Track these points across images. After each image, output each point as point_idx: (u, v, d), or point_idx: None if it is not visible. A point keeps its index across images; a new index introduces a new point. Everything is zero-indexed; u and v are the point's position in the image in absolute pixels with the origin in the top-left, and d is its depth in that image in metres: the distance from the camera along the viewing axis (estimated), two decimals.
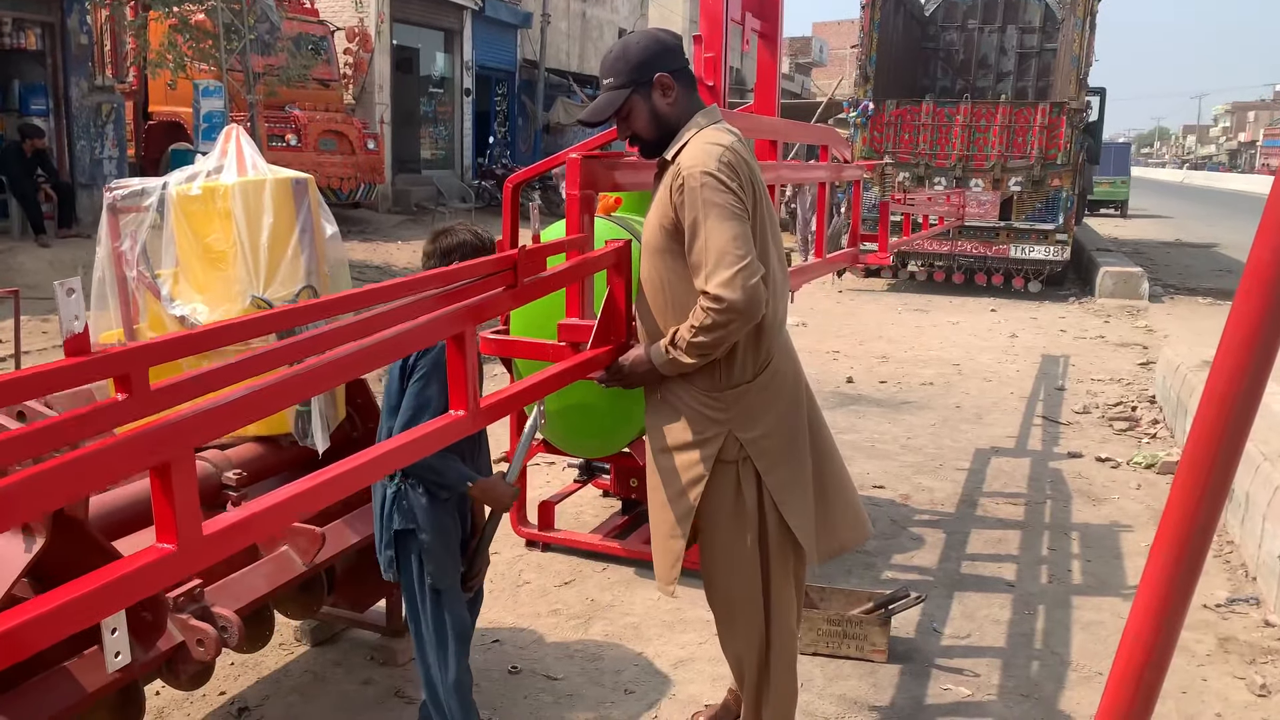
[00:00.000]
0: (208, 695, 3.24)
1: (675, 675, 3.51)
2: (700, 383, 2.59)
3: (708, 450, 2.59)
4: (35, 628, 1.22)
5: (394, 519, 2.70)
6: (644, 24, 31.63)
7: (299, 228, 3.00)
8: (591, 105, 2.64)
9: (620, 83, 2.54)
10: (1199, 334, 9.47)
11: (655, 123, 2.57)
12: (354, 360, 1.73)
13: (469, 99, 21.97)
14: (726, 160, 2.43)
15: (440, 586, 2.74)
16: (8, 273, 9.58)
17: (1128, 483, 5.72)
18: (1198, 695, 3.44)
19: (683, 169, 2.45)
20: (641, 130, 2.59)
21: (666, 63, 2.56)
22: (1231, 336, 1.17)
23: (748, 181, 2.47)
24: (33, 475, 1.22)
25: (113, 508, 2.59)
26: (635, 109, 2.56)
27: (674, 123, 2.57)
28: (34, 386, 1.34)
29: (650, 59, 2.54)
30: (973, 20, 16.13)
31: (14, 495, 1.20)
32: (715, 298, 2.37)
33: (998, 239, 12.81)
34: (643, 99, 2.55)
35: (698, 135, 2.52)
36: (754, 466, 2.60)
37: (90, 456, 1.29)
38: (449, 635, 2.76)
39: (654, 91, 2.54)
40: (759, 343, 2.58)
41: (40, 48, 12.35)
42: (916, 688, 3.47)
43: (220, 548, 1.47)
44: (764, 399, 2.61)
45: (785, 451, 2.64)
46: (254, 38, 12.54)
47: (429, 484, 2.69)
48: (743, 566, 2.68)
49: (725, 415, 2.58)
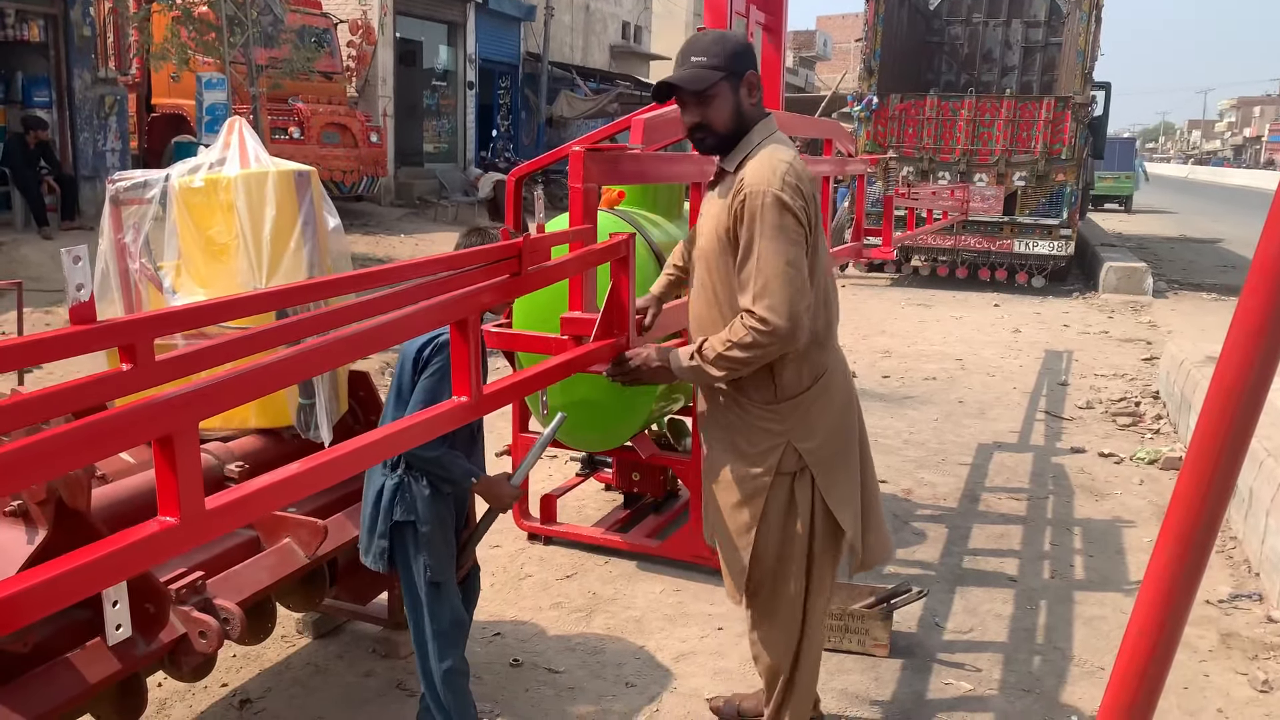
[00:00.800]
0: (210, 687, 3.24)
1: (676, 669, 3.51)
2: (756, 395, 2.59)
3: (768, 462, 2.60)
4: (38, 594, 1.21)
5: (394, 510, 2.69)
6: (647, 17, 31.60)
7: (301, 220, 3.00)
8: (679, 73, 2.52)
9: (715, 64, 2.47)
10: (1203, 329, 9.45)
11: (735, 118, 2.52)
12: (358, 340, 1.73)
13: (472, 92, 21.92)
14: (791, 181, 2.42)
15: (439, 579, 2.74)
16: (11, 264, 9.58)
17: (1130, 478, 5.72)
18: (1200, 691, 3.43)
19: (746, 185, 2.43)
20: (717, 121, 2.52)
21: (755, 65, 2.57)
22: (1238, 331, 1.17)
23: (810, 198, 2.47)
24: (36, 442, 1.21)
25: (114, 500, 2.60)
26: (720, 96, 2.49)
27: (746, 124, 2.53)
28: (39, 352, 1.34)
29: (746, 53, 2.53)
30: (977, 14, 16.09)
31: (17, 461, 1.19)
32: (761, 319, 2.37)
33: (1002, 234, 12.79)
34: (731, 89, 2.49)
35: (761, 150, 2.49)
36: (810, 476, 2.62)
37: (94, 425, 1.28)
38: (445, 627, 2.77)
39: (743, 86, 2.51)
40: (815, 353, 2.60)
41: (43, 39, 12.32)
42: (918, 682, 3.47)
43: (222, 522, 1.47)
44: (820, 408, 2.62)
45: (840, 460, 2.66)
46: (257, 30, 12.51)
47: (434, 477, 2.69)
48: (791, 572, 2.69)
49: (783, 426, 2.59)
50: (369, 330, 1.74)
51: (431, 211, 17.86)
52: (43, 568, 1.25)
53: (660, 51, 31.52)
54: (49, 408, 1.30)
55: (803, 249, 2.42)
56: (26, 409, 1.28)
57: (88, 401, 1.33)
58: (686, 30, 32.26)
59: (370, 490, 2.77)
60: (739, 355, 2.42)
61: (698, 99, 2.50)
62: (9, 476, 1.19)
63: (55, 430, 1.24)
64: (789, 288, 2.37)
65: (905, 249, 12.93)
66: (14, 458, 1.18)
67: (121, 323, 1.40)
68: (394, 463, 2.69)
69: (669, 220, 4.58)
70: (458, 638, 2.81)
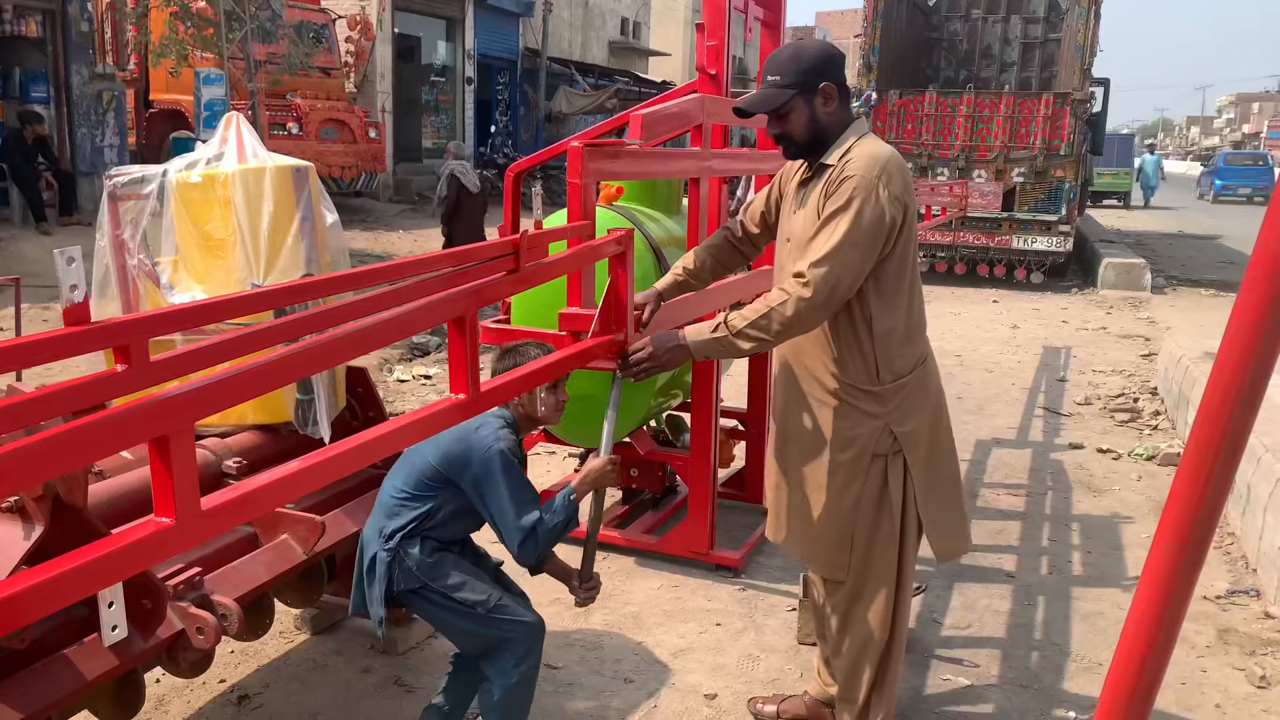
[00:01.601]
0: (208, 683, 3.24)
1: (675, 664, 3.51)
2: (857, 379, 2.63)
3: (865, 445, 2.65)
4: (33, 596, 1.21)
5: (395, 582, 2.63)
6: (646, 13, 31.54)
7: (299, 216, 2.99)
8: (752, 96, 2.68)
9: (786, 82, 2.60)
10: (1201, 326, 9.45)
11: (811, 126, 2.62)
12: (356, 338, 1.73)
13: (471, 88, 21.90)
14: (893, 173, 2.51)
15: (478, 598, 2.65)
16: (9, 260, 9.57)
17: (1129, 474, 5.72)
18: (1197, 686, 3.44)
19: (851, 170, 2.51)
20: (796, 131, 2.63)
21: (833, 74, 2.63)
22: (1236, 326, 1.16)
23: (906, 192, 2.54)
24: (32, 443, 1.20)
25: (112, 496, 2.59)
26: (795, 110, 2.61)
27: (828, 130, 2.62)
28: (33, 354, 1.33)
29: (821, 65, 2.61)
30: (977, 10, 16.07)
31: (12, 463, 1.19)
32: (807, 284, 2.43)
33: (1000, 230, 12.79)
34: (805, 102, 2.60)
35: (860, 142, 2.59)
36: (904, 460, 2.66)
37: (89, 426, 1.27)
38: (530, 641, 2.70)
39: (817, 97, 2.60)
40: (918, 336, 2.67)
41: (41, 35, 12.30)
42: (916, 678, 3.47)
43: (218, 522, 1.46)
44: (920, 393, 2.68)
45: (932, 445, 2.72)
46: (255, 26, 12.49)
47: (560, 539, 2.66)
48: (882, 560, 2.73)
49: (883, 409, 2.64)
50: (366, 328, 1.74)
51: (430, 207, 17.82)
52: (38, 569, 1.25)
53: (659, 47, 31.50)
54: (45, 409, 1.30)
55: (875, 241, 2.48)
56: (23, 410, 1.28)
57: (84, 402, 1.33)
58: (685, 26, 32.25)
59: (364, 555, 2.71)
60: (774, 326, 2.47)
61: (775, 114, 2.65)
62: (5, 477, 1.19)
63: (50, 432, 1.24)
64: (842, 269, 2.45)
65: None
66: (9, 460, 1.18)
67: (116, 324, 1.40)
68: (388, 533, 2.64)
69: (668, 215, 4.58)
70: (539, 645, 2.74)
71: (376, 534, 2.68)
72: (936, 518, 2.74)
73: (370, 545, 2.70)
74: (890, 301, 2.59)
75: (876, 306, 2.58)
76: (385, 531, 2.65)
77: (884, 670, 2.84)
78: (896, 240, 2.54)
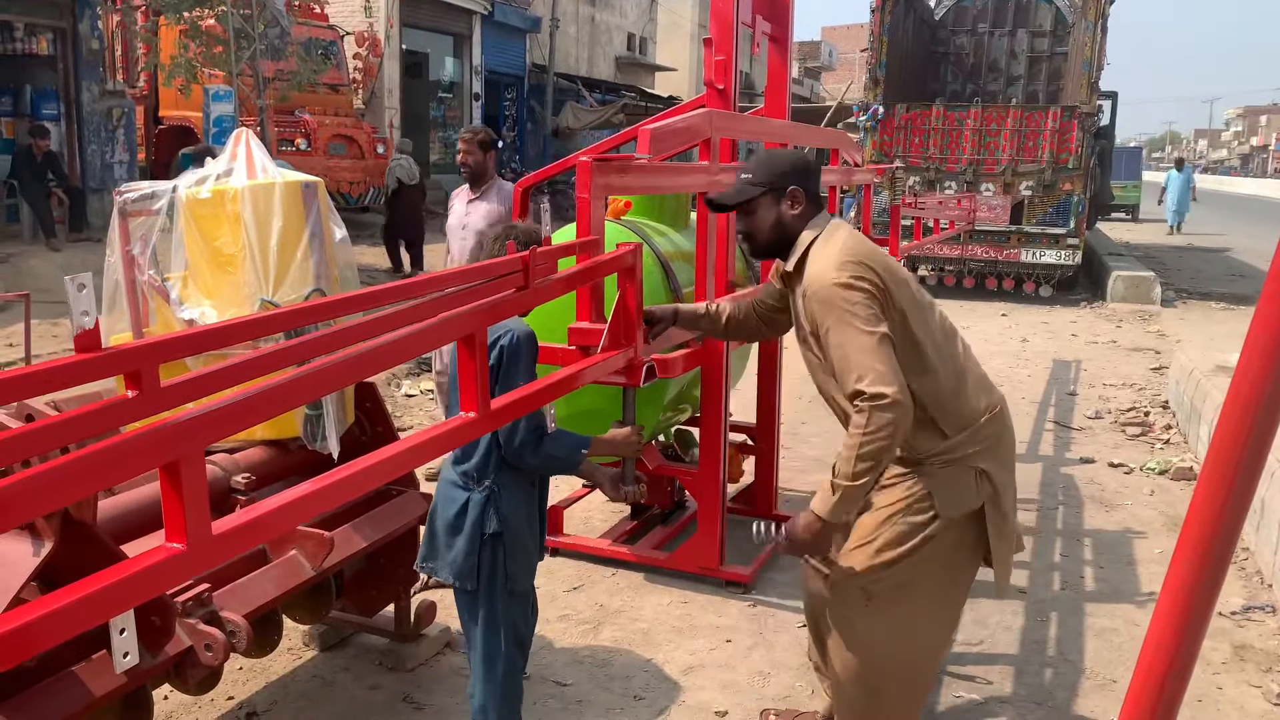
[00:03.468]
0: (216, 700, 3.23)
1: (685, 682, 3.48)
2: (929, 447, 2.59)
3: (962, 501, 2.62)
4: (43, 626, 1.20)
5: (486, 523, 2.58)
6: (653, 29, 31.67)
7: (308, 231, 2.99)
8: (727, 191, 2.81)
9: (758, 180, 2.71)
10: (1212, 339, 9.41)
11: (775, 227, 2.70)
12: (365, 359, 1.72)
13: (478, 103, 22.00)
14: (848, 261, 2.50)
15: (521, 588, 2.69)
16: (19, 276, 9.61)
17: (1141, 489, 5.68)
18: (1213, 704, 3.40)
19: (808, 285, 2.57)
20: (758, 231, 2.73)
21: (804, 181, 2.70)
22: (1254, 341, 1.15)
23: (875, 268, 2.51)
24: (41, 472, 1.20)
25: (121, 511, 2.59)
26: (761, 208, 2.70)
27: (791, 232, 2.69)
28: (44, 382, 1.33)
29: (792, 171, 2.70)
30: (983, 24, 16.09)
31: (23, 492, 1.19)
32: (875, 395, 2.35)
33: (1008, 243, 12.77)
34: (772, 202, 2.69)
35: (815, 246, 2.62)
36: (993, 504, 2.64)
37: (99, 453, 1.27)
38: (523, 634, 2.73)
39: (784, 200, 2.68)
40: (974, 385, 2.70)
41: (51, 53, 12.40)
42: (929, 695, 3.44)
43: (230, 547, 1.46)
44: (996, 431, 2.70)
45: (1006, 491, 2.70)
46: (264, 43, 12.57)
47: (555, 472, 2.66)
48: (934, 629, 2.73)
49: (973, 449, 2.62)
50: (377, 349, 1.73)
51: (438, 223, 17.87)
52: (50, 597, 1.25)
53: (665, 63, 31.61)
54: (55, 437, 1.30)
55: (878, 316, 2.45)
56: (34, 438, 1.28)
57: (94, 429, 1.33)
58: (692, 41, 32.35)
59: (448, 508, 2.64)
60: (875, 445, 2.36)
61: (742, 210, 2.75)
62: (16, 506, 1.19)
63: (61, 459, 1.24)
64: (881, 359, 2.39)
65: (912, 259, 12.90)
66: (21, 488, 1.18)
67: (126, 350, 1.40)
68: (476, 474, 2.61)
69: (676, 230, 4.57)
70: (526, 650, 2.77)
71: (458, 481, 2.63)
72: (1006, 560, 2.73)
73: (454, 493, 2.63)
74: (918, 366, 2.54)
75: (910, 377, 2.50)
76: (471, 473, 2.61)
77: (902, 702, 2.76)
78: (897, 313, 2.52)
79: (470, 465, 2.62)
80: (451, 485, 2.65)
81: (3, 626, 1.16)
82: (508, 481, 2.61)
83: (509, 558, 2.62)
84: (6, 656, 1.17)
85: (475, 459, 2.61)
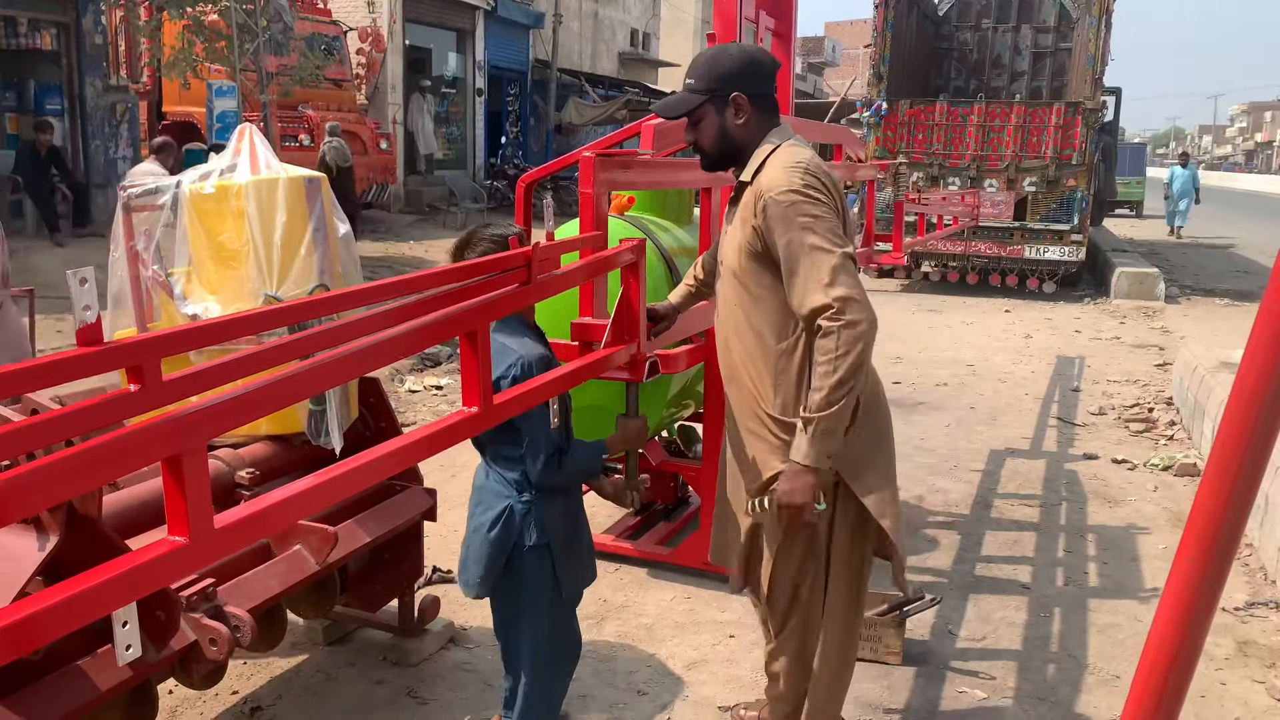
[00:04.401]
0: (220, 694, 3.24)
1: (688, 677, 3.49)
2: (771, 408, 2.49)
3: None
4: (47, 618, 1.21)
5: (527, 535, 2.52)
6: (656, 24, 31.65)
7: (312, 226, 2.99)
8: (667, 99, 2.63)
9: (698, 87, 2.50)
10: (1216, 335, 9.40)
11: (720, 138, 2.52)
12: (367, 354, 1.72)
13: (481, 99, 21.99)
14: (810, 173, 2.37)
15: (572, 595, 2.66)
16: (23, 272, 9.60)
17: (1144, 485, 5.68)
18: (1217, 699, 3.40)
19: (764, 191, 2.38)
20: (705, 142, 2.54)
21: (750, 84, 2.48)
22: (1259, 336, 1.15)
23: (831, 189, 2.41)
24: (44, 465, 1.21)
25: (126, 506, 2.59)
26: (706, 118, 2.51)
27: (740, 144, 2.51)
28: (46, 375, 1.33)
29: (735, 74, 2.48)
30: (987, 19, 16.06)
31: (26, 485, 1.19)
32: (843, 299, 2.24)
33: (1012, 239, 12.76)
34: (715, 111, 2.50)
35: (774, 156, 2.45)
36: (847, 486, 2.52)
37: (102, 447, 1.28)
38: (565, 646, 2.69)
39: (728, 108, 2.48)
40: None
41: (55, 48, 12.41)
42: (931, 690, 3.44)
43: (232, 541, 1.46)
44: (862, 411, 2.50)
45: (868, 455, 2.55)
46: (267, 38, 12.57)
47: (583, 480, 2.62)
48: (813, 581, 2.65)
49: None
50: (379, 344, 1.73)
51: (441, 218, 17.90)
52: (53, 590, 1.25)
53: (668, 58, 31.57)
54: (58, 430, 1.30)
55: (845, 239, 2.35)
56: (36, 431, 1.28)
57: (97, 423, 1.33)
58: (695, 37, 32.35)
59: (486, 514, 2.57)
60: (848, 366, 2.24)
61: (689, 120, 2.53)
62: (19, 499, 1.20)
63: (64, 453, 1.24)
64: (850, 276, 2.29)
65: (915, 255, 12.90)
66: (23, 481, 1.19)
67: (128, 344, 1.40)
68: (519, 483, 2.55)
69: (679, 225, 4.57)
70: (573, 663, 2.73)
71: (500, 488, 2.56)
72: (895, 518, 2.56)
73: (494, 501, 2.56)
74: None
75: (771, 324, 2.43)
76: (515, 480, 2.55)
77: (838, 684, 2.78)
78: None
79: (509, 474, 2.56)
80: (491, 493, 2.59)
81: (7, 618, 1.17)
82: (547, 488, 2.56)
83: (560, 567, 2.57)
84: (11, 648, 1.17)
85: (514, 471, 2.55)
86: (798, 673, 2.79)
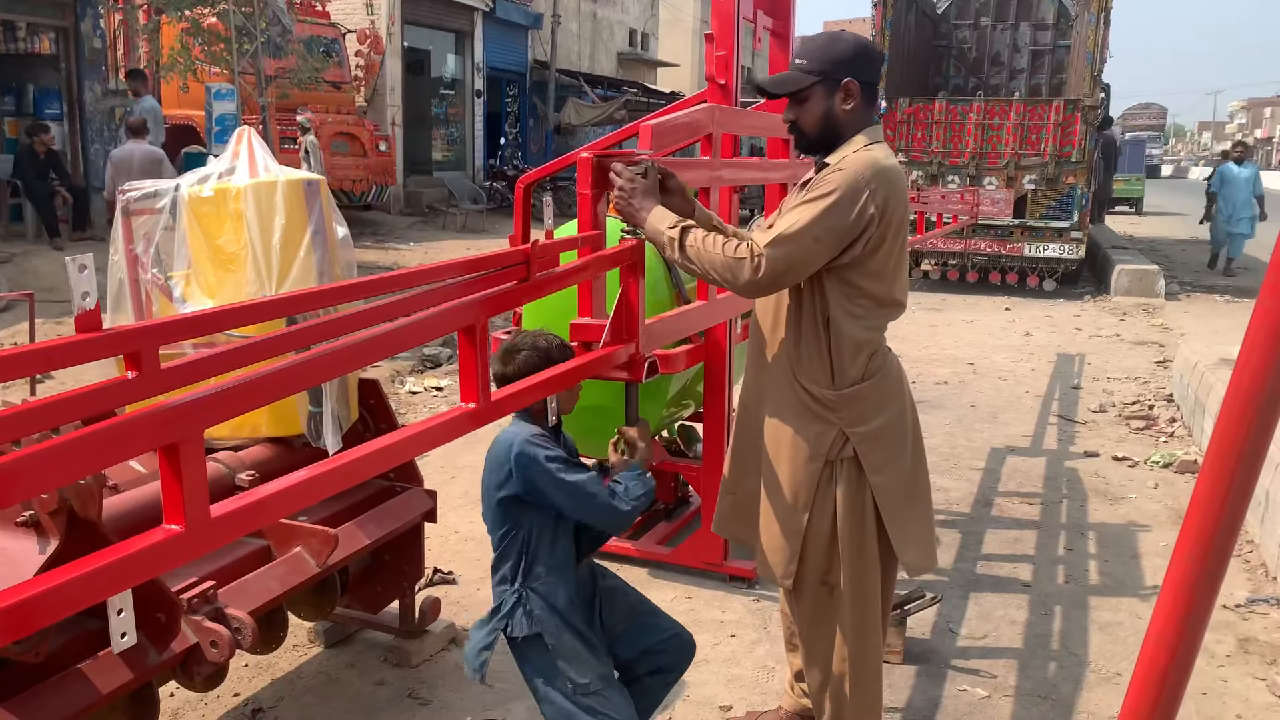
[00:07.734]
0: (222, 696, 3.24)
1: (690, 677, 3.47)
2: (812, 381, 2.57)
3: (819, 449, 2.57)
4: (44, 602, 1.21)
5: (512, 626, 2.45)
6: (655, 25, 31.63)
7: (310, 229, 3.00)
8: (777, 75, 2.64)
9: (811, 69, 2.52)
10: (1216, 332, 9.39)
11: (824, 121, 2.55)
12: (365, 347, 1.72)
13: (480, 100, 22.00)
14: (881, 179, 2.42)
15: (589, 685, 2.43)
16: (23, 276, 9.62)
17: (1145, 482, 5.68)
18: (1218, 696, 3.40)
19: (841, 165, 2.45)
20: (808, 124, 2.57)
21: (862, 72, 2.53)
22: (1256, 331, 1.15)
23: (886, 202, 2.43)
24: (42, 450, 1.21)
25: (127, 509, 2.59)
26: (814, 99, 2.53)
27: (841, 129, 2.54)
28: (44, 361, 1.34)
29: (849, 60, 2.52)
30: (985, 17, 16.06)
31: (24, 470, 1.19)
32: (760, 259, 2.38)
33: (1012, 237, 12.75)
34: (824, 94, 2.52)
35: (864, 150, 2.49)
36: (859, 465, 2.57)
37: (99, 433, 1.28)
38: None
39: (838, 92, 2.51)
40: (877, 346, 2.60)
41: (54, 52, 12.42)
42: (933, 689, 3.44)
43: (228, 530, 1.46)
44: (877, 398, 2.60)
45: (894, 454, 2.62)
46: (265, 41, 12.57)
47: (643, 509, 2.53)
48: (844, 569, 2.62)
49: (837, 415, 2.57)
50: (376, 337, 1.74)
51: (440, 220, 17.91)
52: (49, 575, 1.25)
53: (667, 58, 31.58)
54: (56, 415, 1.30)
55: (840, 241, 2.41)
56: (34, 417, 1.28)
57: (94, 409, 1.33)
58: (694, 37, 32.31)
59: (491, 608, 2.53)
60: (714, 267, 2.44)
61: (795, 99, 2.57)
62: (17, 484, 1.19)
63: (60, 439, 1.24)
64: (796, 255, 2.40)
65: (915, 253, 12.88)
66: (21, 465, 1.18)
67: (126, 331, 1.40)
68: (509, 574, 2.48)
69: None
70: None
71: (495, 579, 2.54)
72: (900, 529, 2.62)
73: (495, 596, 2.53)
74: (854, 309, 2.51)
75: (838, 310, 2.50)
76: (505, 574, 2.50)
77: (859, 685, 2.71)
78: (868, 250, 2.45)
79: (502, 565, 2.52)
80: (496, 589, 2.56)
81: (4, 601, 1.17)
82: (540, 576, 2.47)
83: (564, 662, 2.43)
84: (8, 631, 1.17)
85: (508, 563, 2.50)
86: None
